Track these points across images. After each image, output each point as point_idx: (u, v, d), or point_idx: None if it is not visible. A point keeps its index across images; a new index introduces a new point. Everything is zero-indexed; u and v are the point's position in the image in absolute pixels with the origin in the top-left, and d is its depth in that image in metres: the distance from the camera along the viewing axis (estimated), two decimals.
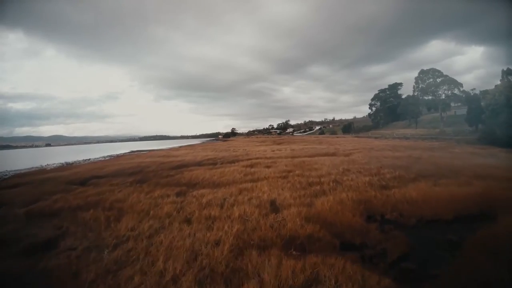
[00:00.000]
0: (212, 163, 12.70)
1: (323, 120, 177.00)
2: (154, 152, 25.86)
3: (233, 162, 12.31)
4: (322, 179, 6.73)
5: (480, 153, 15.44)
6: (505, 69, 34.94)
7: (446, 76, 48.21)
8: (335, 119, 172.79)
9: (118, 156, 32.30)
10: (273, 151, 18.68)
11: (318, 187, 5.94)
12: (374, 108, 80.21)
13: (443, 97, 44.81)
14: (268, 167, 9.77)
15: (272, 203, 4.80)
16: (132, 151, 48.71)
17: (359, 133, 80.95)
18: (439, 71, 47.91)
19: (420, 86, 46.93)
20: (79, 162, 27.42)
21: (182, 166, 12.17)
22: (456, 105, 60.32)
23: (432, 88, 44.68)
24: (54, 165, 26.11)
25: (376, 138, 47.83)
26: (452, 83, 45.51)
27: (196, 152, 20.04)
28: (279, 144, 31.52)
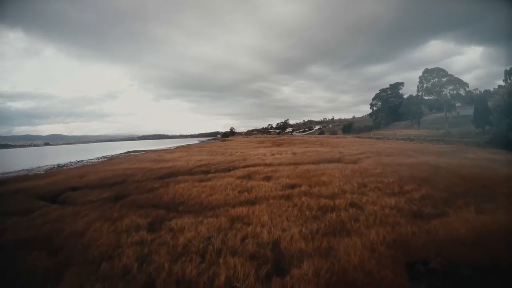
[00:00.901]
0: (205, 170, 11.32)
1: (323, 119, 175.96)
2: (147, 155, 24.47)
3: (228, 170, 10.95)
4: (337, 201, 5.35)
5: (499, 160, 14.10)
6: (508, 69, 33.60)
7: (451, 75, 46.90)
8: (335, 119, 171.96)
9: (111, 158, 31.00)
10: (273, 154, 17.32)
11: (334, 216, 4.57)
12: (375, 108, 78.92)
13: (448, 97, 43.45)
14: (267, 178, 8.39)
15: (275, 247, 3.43)
16: (128, 152, 47.74)
17: (359, 133, 79.74)
18: (443, 71, 46.59)
19: (424, 86, 45.55)
20: (71, 164, 26.08)
21: (171, 175, 10.79)
22: (457, 105, 59.12)
23: (437, 88, 43.30)
24: (45, 167, 24.78)
25: (378, 139, 46.59)
26: (458, 83, 44.20)
27: (190, 156, 18.66)
28: (278, 145, 30.15)
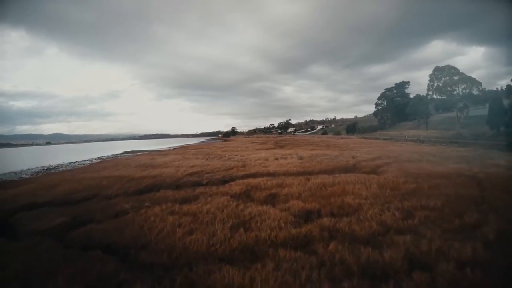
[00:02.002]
0: (195, 182, 9.31)
1: (324, 119, 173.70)
2: (138, 158, 22.55)
3: (222, 181, 8.95)
4: (386, 254, 3.33)
5: None
6: None
7: (462, 74, 44.57)
8: (336, 119, 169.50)
9: (102, 161, 29.23)
10: (277, 159, 15.29)
11: None
12: (380, 108, 76.57)
13: (460, 96, 41.09)
14: (272, 199, 6.37)
15: None
16: (125, 152, 46.29)
17: (364, 133, 77.53)
18: (455, 68, 44.25)
19: (435, 85, 43.16)
20: (61, 167, 24.34)
21: (152, 187, 8.81)
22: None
23: (449, 86, 40.94)
24: (34, 170, 23.02)
25: (385, 140, 44.46)
26: (470, 81, 41.85)
27: (184, 159, 16.69)
28: (282, 147, 28.08)
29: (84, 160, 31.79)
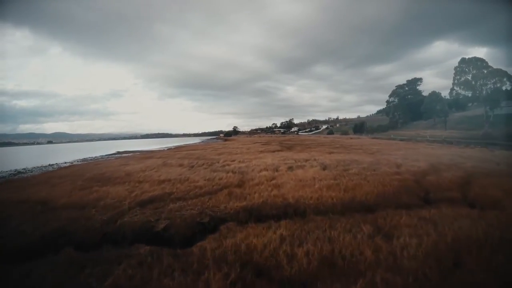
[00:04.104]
0: (137, 229, 4.73)
1: (327, 119, 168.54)
2: (109, 162, 18.04)
3: (190, 236, 4.27)
4: None
5: None
6: None
7: (491, 67, 39.47)
8: (339, 118, 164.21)
9: (85, 161, 25.03)
10: (290, 168, 10.67)
11: None
12: (391, 105, 71.46)
13: (491, 92, 35.98)
14: None
15: None
16: (117, 153, 42.90)
17: (373, 133, 72.61)
18: (482, 60, 39.09)
19: (463, 79, 37.91)
20: (34, 170, 20.08)
21: (60, 234, 4.31)
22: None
23: (480, 80, 35.81)
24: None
25: (402, 140, 39.65)
26: (501, 75, 36.73)
27: (161, 167, 12.07)
28: (290, 149, 23.33)
29: (66, 162, 27.67)
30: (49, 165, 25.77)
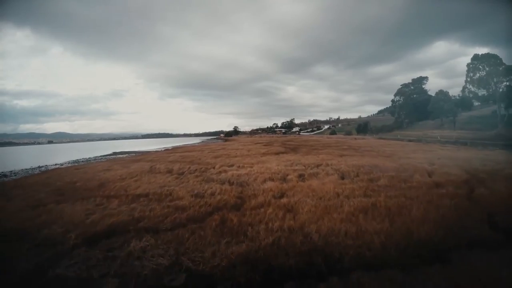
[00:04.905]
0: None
1: (328, 119, 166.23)
2: (92, 166, 16.16)
3: None
4: None
5: None
6: None
7: (504, 64, 37.31)
8: (340, 118, 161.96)
9: (76, 163, 23.29)
10: (300, 175, 8.71)
11: None
12: (397, 104, 69.29)
13: (506, 89, 33.83)
14: None
15: None
16: (113, 153, 42.13)
17: (378, 133, 70.54)
18: (496, 57, 36.93)
19: (477, 76, 35.65)
20: (18, 174, 18.21)
21: None
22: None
23: (495, 78, 33.57)
24: None
25: (411, 141, 37.66)
26: None
27: (143, 175, 10.12)
28: (294, 150, 21.29)
29: (45, 165, 25.80)
30: (38, 167, 23.98)
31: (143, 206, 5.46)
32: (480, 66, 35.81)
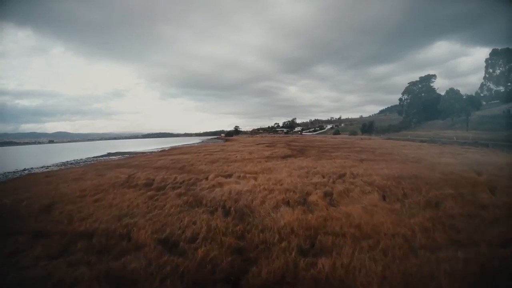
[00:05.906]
0: None
1: (330, 119, 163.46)
2: (66, 173, 13.76)
3: None
4: None
5: None
6: None
7: None
8: (342, 118, 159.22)
9: (63, 165, 21.20)
10: (325, 194, 6.27)
11: None
12: (405, 103, 66.54)
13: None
14: None
15: None
16: (107, 154, 40.64)
17: (384, 133, 67.88)
18: None
19: (496, 72, 32.86)
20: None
21: None
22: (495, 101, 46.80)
23: None
24: None
25: (423, 141, 35.08)
26: None
27: (116, 189, 7.71)
28: (301, 152, 18.76)
29: (46, 166, 24.02)
30: (24, 169, 21.85)
31: (72, 265, 2.97)
32: (500, 62, 33.06)
